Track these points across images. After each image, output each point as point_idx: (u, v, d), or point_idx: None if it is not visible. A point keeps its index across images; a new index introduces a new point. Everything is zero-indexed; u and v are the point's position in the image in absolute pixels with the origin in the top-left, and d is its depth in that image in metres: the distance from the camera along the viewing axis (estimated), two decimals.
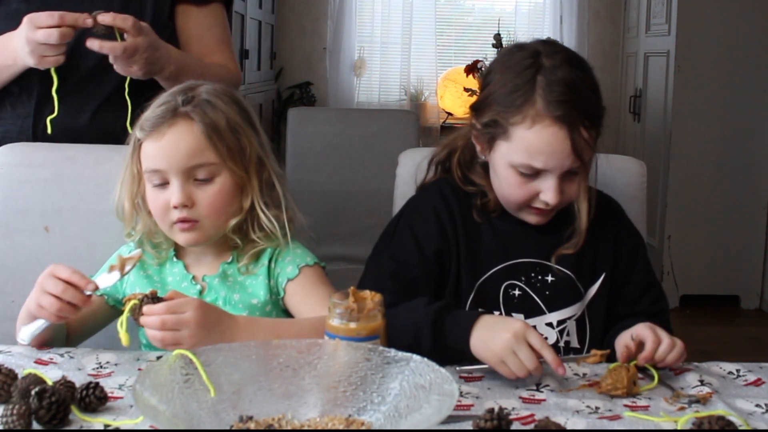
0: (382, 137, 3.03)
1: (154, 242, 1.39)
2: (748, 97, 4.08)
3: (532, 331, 1.15)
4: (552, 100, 1.24)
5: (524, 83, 1.26)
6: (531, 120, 1.25)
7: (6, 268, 1.53)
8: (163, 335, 1.12)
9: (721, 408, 1.09)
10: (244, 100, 1.40)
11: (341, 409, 0.98)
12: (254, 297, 1.35)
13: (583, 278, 1.38)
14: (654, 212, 4.18)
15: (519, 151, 1.27)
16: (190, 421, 0.91)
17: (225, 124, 1.32)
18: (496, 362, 1.14)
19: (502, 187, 1.34)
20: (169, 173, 1.30)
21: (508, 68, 1.30)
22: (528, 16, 5.24)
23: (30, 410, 0.95)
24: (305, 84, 5.18)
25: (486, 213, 1.38)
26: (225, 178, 1.32)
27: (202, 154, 1.30)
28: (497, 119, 1.28)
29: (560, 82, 1.25)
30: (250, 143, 1.35)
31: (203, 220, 1.32)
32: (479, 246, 1.37)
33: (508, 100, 1.27)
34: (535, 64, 1.28)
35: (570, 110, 1.24)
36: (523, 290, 1.36)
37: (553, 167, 1.26)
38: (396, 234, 1.39)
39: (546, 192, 1.28)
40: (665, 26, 4.25)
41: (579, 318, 1.37)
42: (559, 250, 1.36)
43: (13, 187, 1.55)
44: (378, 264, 1.37)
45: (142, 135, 1.32)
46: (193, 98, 1.33)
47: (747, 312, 4.17)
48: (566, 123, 1.24)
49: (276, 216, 1.36)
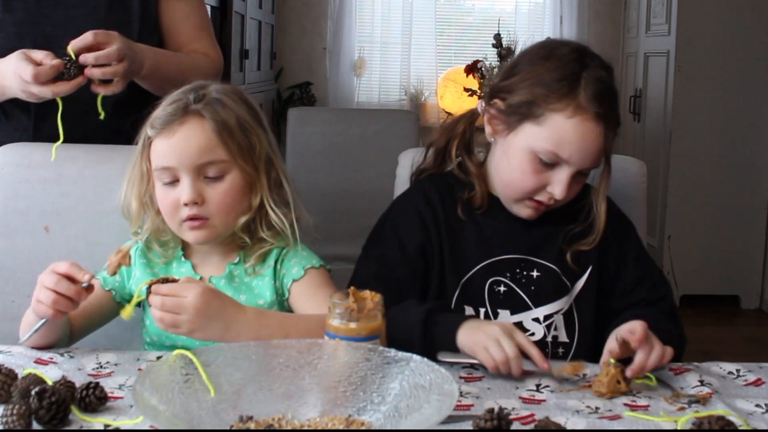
0: (382, 137, 3.03)
1: (161, 241, 1.39)
2: (748, 97, 4.08)
3: (520, 331, 1.19)
4: (595, 98, 1.27)
5: (571, 74, 1.29)
6: (573, 110, 1.27)
7: (6, 268, 1.53)
8: (161, 315, 1.14)
9: (721, 408, 1.09)
10: (253, 100, 1.41)
11: (341, 409, 0.98)
12: (260, 298, 1.35)
13: (568, 272, 1.38)
14: (654, 212, 4.18)
15: (549, 137, 1.28)
16: (190, 421, 0.92)
17: (235, 123, 1.33)
18: (479, 348, 1.16)
19: (511, 173, 1.33)
20: (179, 170, 1.30)
21: (553, 57, 1.32)
22: (528, 16, 5.24)
23: (30, 410, 0.95)
24: (305, 84, 5.18)
25: (470, 209, 1.39)
26: (235, 176, 1.33)
27: (213, 151, 1.31)
28: (535, 101, 1.29)
29: (602, 82, 1.29)
30: (259, 142, 1.36)
31: (213, 217, 1.32)
32: (463, 244, 1.38)
33: (552, 86, 1.28)
34: (580, 61, 1.31)
35: (608, 111, 1.29)
36: (509, 286, 1.36)
37: (575, 161, 1.28)
38: (382, 235, 1.40)
39: (556, 185, 1.29)
40: (665, 26, 4.25)
41: (567, 312, 1.37)
42: (576, 245, 1.37)
43: (13, 187, 1.55)
44: (364, 266, 1.38)
45: (153, 133, 1.32)
46: (204, 96, 1.33)
47: (747, 312, 4.17)
48: (603, 121, 1.28)
49: (284, 214, 1.37)
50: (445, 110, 5.11)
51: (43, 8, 1.62)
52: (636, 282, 1.40)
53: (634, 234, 1.44)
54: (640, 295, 1.39)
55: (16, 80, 1.44)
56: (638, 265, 1.41)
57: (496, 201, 1.39)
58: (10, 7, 1.62)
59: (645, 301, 1.38)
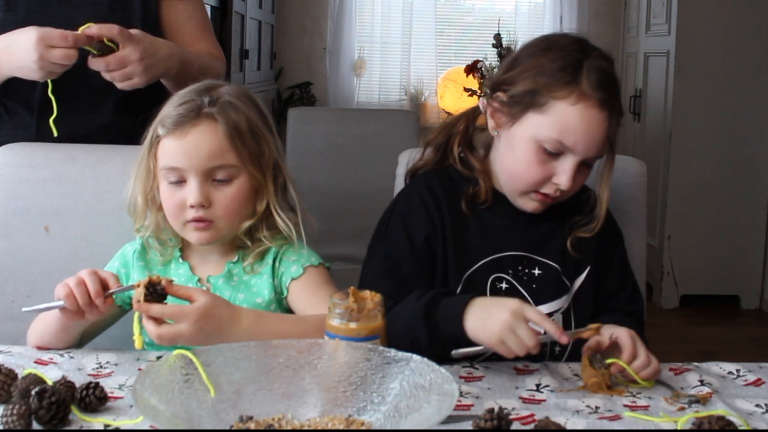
0: (382, 137, 3.02)
1: (160, 239, 1.39)
2: (748, 96, 4.08)
3: (529, 306, 1.16)
4: (598, 85, 1.28)
5: (573, 63, 1.29)
6: (576, 97, 1.27)
7: (6, 268, 1.53)
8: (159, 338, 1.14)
9: (721, 408, 1.09)
10: (262, 103, 1.40)
11: (341, 409, 0.98)
12: (259, 296, 1.35)
13: (568, 271, 1.38)
14: (654, 212, 4.18)
15: (553, 125, 1.28)
16: (190, 421, 0.92)
17: (246, 127, 1.33)
18: (496, 342, 1.14)
19: (516, 165, 1.33)
20: (188, 172, 1.30)
21: (555, 48, 1.32)
22: (528, 16, 5.25)
23: (30, 410, 0.95)
24: (305, 84, 5.18)
25: (474, 204, 1.38)
26: (243, 181, 1.33)
27: (224, 155, 1.30)
28: (538, 89, 1.29)
29: (604, 71, 1.30)
30: (268, 147, 1.36)
31: (218, 220, 1.32)
32: (466, 239, 1.37)
33: (555, 75, 1.29)
34: (582, 50, 1.31)
35: (612, 97, 1.29)
36: (510, 283, 1.36)
37: (580, 149, 1.28)
38: (388, 229, 1.39)
39: (561, 174, 1.29)
40: (665, 26, 4.25)
41: (565, 311, 1.37)
42: (576, 232, 1.37)
43: (13, 187, 1.55)
44: (371, 265, 1.37)
45: (163, 132, 1.32)
46: (218, 99, 1.32)
47: (747, 312, 4.16)
48: (607, 108, 1.28)
49: (290, 219, 1.37)
50: (445, 110, 5.11)
51: (45, 7, 1.63)
52: (615, 291, 1.41)
53: (622, 244, 1.45)
54: (617, 304, 1.40)
55: (39, 46, 1.45)
56: (621, 274, 1.42)
57: (500, 197, 1.39)
58: (11, 6, 1.63)
59: (620, 311, 1.38)
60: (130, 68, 1.49)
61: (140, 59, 1.49)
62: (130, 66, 1.49)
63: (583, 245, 1.38)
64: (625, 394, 1.13)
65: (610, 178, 1.37)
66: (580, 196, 1.38)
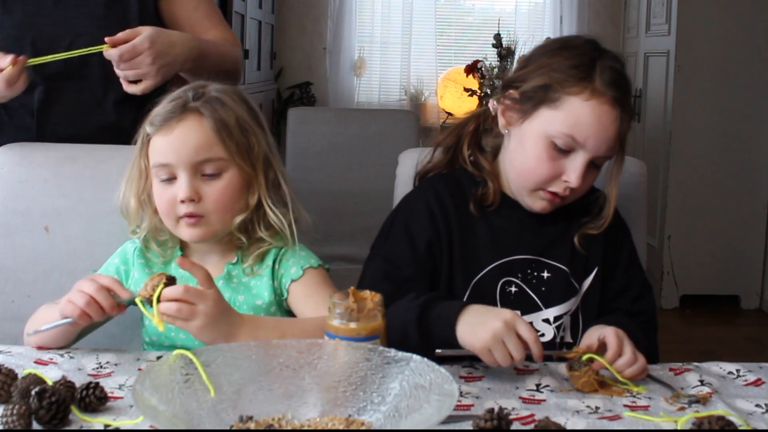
0: (382, 137, 3.02)
1: (159, 240, 1.39)
2: (748, 97, 4.08)
3: (522, 320, 1.16)
4: (611, 83, 1.29)
5: (587, 62, 1.30)
6: (589, 93, 1.28)
7: (6, 268, 1.53)
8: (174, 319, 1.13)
9: (721, 408, 1.09)
10: (252, 100, 1.41)
11: (341, 409, 0.98)
12: (258, 298, 1.35)
13: (577, 273, 1.38)
14: (654, 212, 4.18)
15: (565, 120, 1.28)
16: (190, 421, 0.91)
17: (234, 122, 1.33)
18: (482, 349, 1.14)
19: (526, 161, 1.33)
20: (176, 167, 1.31)
21: (568, 47, 1.34)
22: (528, 16, 5.24)
23: (30, 410, 0.95)
24: (305, 84, 5.18)
25: (482, 207, 1.38)
26: (232, 174, 1.33)
27: (211, 149, 1.31)
28: (552, 84, 1.30)
29: (617, 71, 1.31)
30: (257, 142, 1.36)
31: (209, 215, 1.32)
32: (474, 243, 1.37)
33: (569, 72, 1.30)
34: (596, 50, 1.33)
35: (624, 96, 1.31)
36: (520, 287, 1.36)
37: (591, 146, 1.28)
38: (391, 233, 1.39)
39: (571, 172, 1.29)
40: (665, 26, 4.25)
41: (573, 313, 1.37)
42: (584, 229, 1.37)
43: (13, 187, 1.55)
44: (371, 267, 1.37)
45: (151, 130, 1.33)
46: (203, 95, 1.34)
47: (747, 312, 4.16)
48: (619, 106, 1.29)
49: (283, 214, 1.37)
50: (445, 110, 5.11)
51: (42, 9, 1.63)
52: (620, 290, 1.40)
53: (630, 241, 1.45)
54: (622, 304, 1.39)
55: None
56: (626, 273, 1.41)
57: (508, 200, 1.39)
58: (8, 9, 1.63)
59: (625, 311, 1.37)
60: (144, 69, 1.49)
61: (152, 62, 1.49)
62: (144, 67, 1.49)
63: (590, 244, 1.38)
64: (625, 395, 1.13)
65: (618, 178, 1.37)
66: (588, 197, 1.38)
